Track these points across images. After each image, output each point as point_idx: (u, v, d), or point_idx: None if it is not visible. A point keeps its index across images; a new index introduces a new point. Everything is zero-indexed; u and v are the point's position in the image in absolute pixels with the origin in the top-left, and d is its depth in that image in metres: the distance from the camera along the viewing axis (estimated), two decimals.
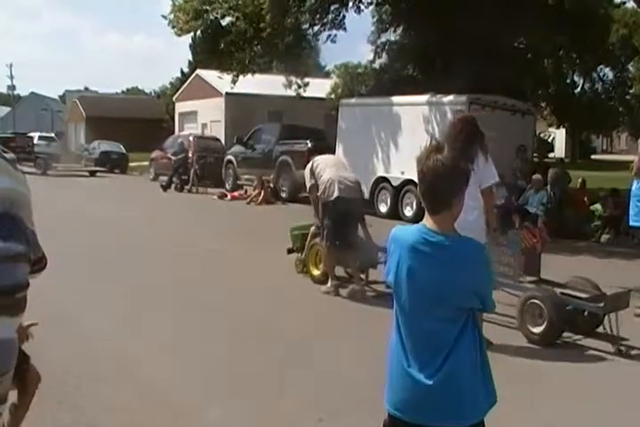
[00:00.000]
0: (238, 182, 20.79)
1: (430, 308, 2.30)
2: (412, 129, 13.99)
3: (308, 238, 8.23)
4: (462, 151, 5.05)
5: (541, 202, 12.78)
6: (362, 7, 19.26)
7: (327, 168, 7.66)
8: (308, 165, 7.88)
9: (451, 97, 14.03)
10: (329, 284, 7.64)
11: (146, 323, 6.30)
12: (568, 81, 41.83)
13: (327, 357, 5.44)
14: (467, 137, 5.25)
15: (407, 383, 2.32)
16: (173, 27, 18.81)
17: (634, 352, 5.66)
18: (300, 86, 23.02)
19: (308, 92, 24.11)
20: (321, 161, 7.84)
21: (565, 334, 5.96)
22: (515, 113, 14.59)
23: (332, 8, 18.45)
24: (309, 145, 16.84)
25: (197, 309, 6.90)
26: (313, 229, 8.17)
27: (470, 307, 2.33)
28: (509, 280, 6.36)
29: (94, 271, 8.57)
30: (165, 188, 20.97)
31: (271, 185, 18.47)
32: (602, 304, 5.74)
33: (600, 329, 5.93)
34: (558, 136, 51.10)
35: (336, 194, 7.41)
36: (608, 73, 42.82)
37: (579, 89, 43.34)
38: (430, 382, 2.26)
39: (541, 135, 43.11)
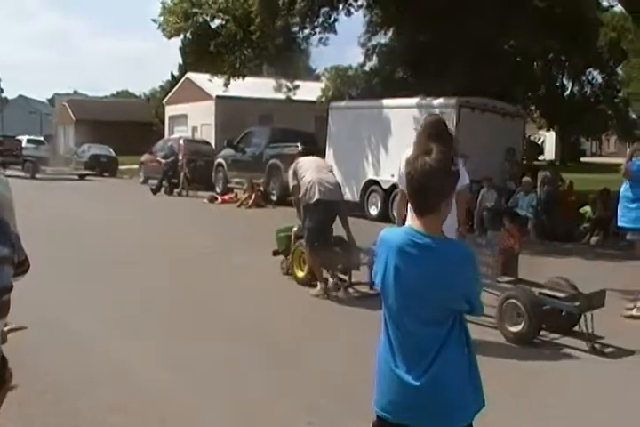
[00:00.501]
0: (228, 186, 20.77)
1: (417, 310, 2.29)
2: (402, 132, 13.97)
3: (292, 240, 8.29)
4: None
5: (531, 204, 12.83)
6: (352, 10, 19.29)
7: (309, 170, 7.76)
8: (292, 167, 8.01)
9: (440, 100, 14.06)
10: (318, 287, 7.64)
11: (138, 325, 6.27)
12: (557, 84, 41.98)
13: (316, 359, 5.43)
14: (435, 140, 5.25)
15: (394, 385, 2.31)
16: (163, 29, 18.80)
17: (608, 350, 5.78)
18: (289, 89, 23.01)
19: (299, 95, 24.11)
20: (303, 163, 7.95)
21: (543, 333, 6.07)
22: (504, 116, 14.65)
23: (322, 11, 18.45)
24: (300, 148, 16.82)
25: (188, 311, 6.87)
26: (295, 230, 8.26)
27: (457, 309, 2.32)
28: (488, 280, 6.42)
29: (85, 274, 8.52)
30: (155, 191, 20.90)
31: (261, 188, 18.46)
32: (577, 303, 5.87)
33: (581, 329, 6.01)
34: (548, 139, 51.30)
35: (317, 197, 7.52)
36: (597, 76, 43.05)
37: (568, 92, 43.51)
38: (417, 384, 2.25)
39: (531, 138, 43.29)
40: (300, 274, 8.11)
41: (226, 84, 20.98)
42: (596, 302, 5.93)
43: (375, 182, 15.33)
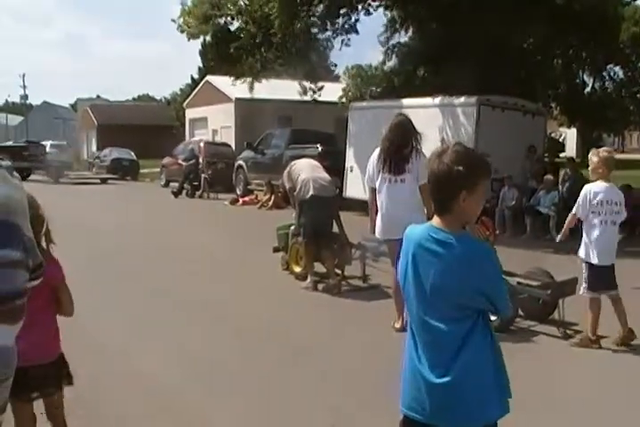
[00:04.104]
0: (249, 187, 20.81)
1: (436, 306, 2.30)
2: (423, 131, 13.91)
3: (290, 237, 8.64)
4: (388, 151, 6.16)
5: (553, 202, 12.70)
6: (371, 10, 19.26)
7: (303, 170, 8.20)
8: (286, 169, 8.46)
9: (461, 98, 13.99)
10: (308, 280, 8.01)
11: (152, 326, 6.33)
12: (578, 81, 41.56)
13: (328, 357, 5.41)
14: (400, 138, 6.21)
15: (418, 382, 2.31)
16: (182, 31, 18.89)
17: (580, 336, 5.95)
18: (314, 91, 22.98)
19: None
20: (297, 165, 8.41)
21: (518, 320, 6.35)
22: (525, 113, 14.52)
23: (342, 12, 18.42)
24: (319, 149, 16.82)
25: (204, 312, 6.92)
26: (293, 228, 8.61)
27: (477, 307, 2.30)
28: None
29: (101, 276, 8.61)
30: (176, 194, 21.02)
31: (281, 190, 18.46)
32: (549, 291, 6.12)
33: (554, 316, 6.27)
34: (569, 136, 50.83)
35: (311, 193, 7.91)
36: (618, 72, 42.52)
37: (589, 88, 43.05)
38: (440, 382, 2.25)
39: (552, 135, 42.91)
40: (298, 269, 8.50)
41: (251, 88, 21.06)
42: (568, 289, 6.11)
43: None
